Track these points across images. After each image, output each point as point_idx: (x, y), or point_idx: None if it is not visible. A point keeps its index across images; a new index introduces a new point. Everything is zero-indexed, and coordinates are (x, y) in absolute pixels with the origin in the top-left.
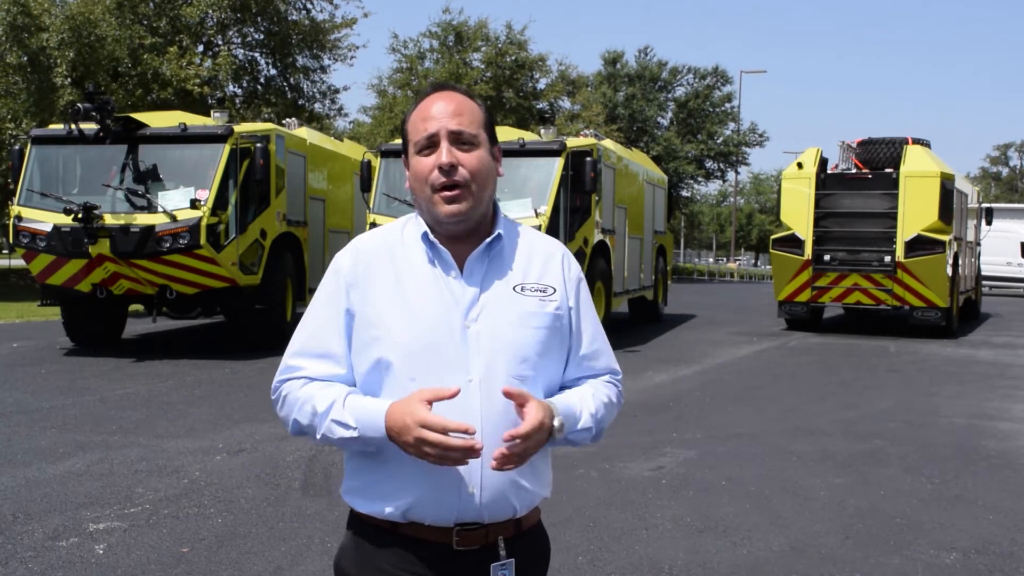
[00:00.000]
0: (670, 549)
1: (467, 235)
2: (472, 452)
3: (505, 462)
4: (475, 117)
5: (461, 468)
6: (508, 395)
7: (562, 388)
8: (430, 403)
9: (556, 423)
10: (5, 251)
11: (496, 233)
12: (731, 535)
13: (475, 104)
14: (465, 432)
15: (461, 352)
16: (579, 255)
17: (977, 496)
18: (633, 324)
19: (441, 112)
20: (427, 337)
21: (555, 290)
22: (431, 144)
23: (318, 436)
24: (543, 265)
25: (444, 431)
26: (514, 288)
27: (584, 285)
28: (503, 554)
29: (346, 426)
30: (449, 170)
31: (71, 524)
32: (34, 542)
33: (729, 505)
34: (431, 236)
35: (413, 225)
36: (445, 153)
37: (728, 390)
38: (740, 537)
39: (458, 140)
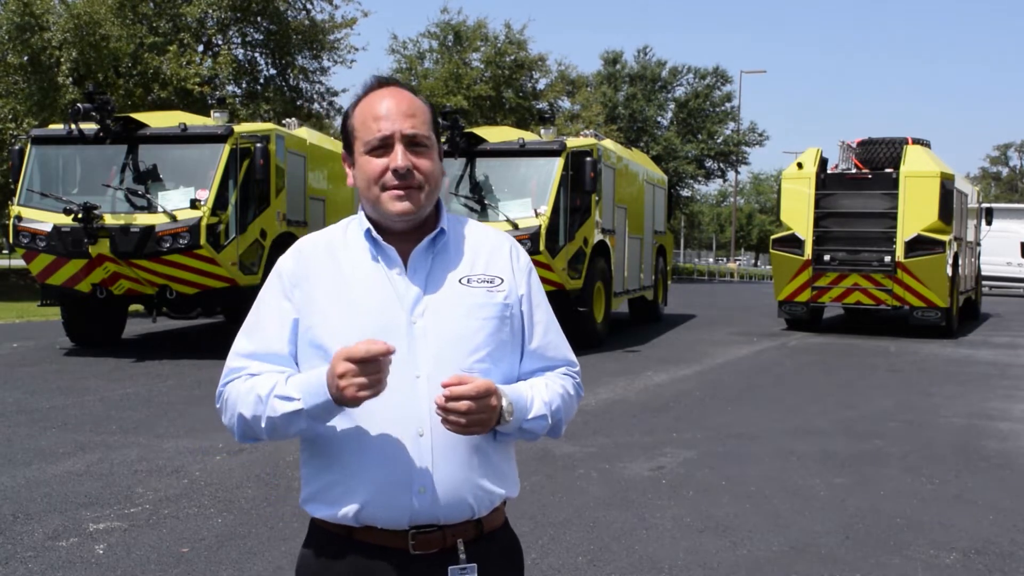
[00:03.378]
0: (670, 549)
1: (411, 231)
2: (387, 352)
3: (446, 412)
4: (426, 118)
5: (411, 467)
6: (445, 385)
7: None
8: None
9: (504, 403)
10: (5, 251)
11: (439, 228)
12: (731, 535)
13: (423, 103)
14: (386, 348)
15: (407, 349)
16: (579, 255)
17: (977, 496)
18: (633, 324)
19: (393, 112)
20: (371, 333)
21: (503, 280)
22: (384, 145)
23: (263, 424)
24: (489, 256)
25: (365, 354)
26: (460, 281)
27: (534, 275)
28: (463, 558)
29: (289, 399)
30: (405, 174)
31: (71, 524)
32: (34, 542)
33: (729, 505)
34: (374, 233)
35: (356, 224)
36: (401, 157)
37: (728, 390)
38: (740, 537)
39: (412, 143)
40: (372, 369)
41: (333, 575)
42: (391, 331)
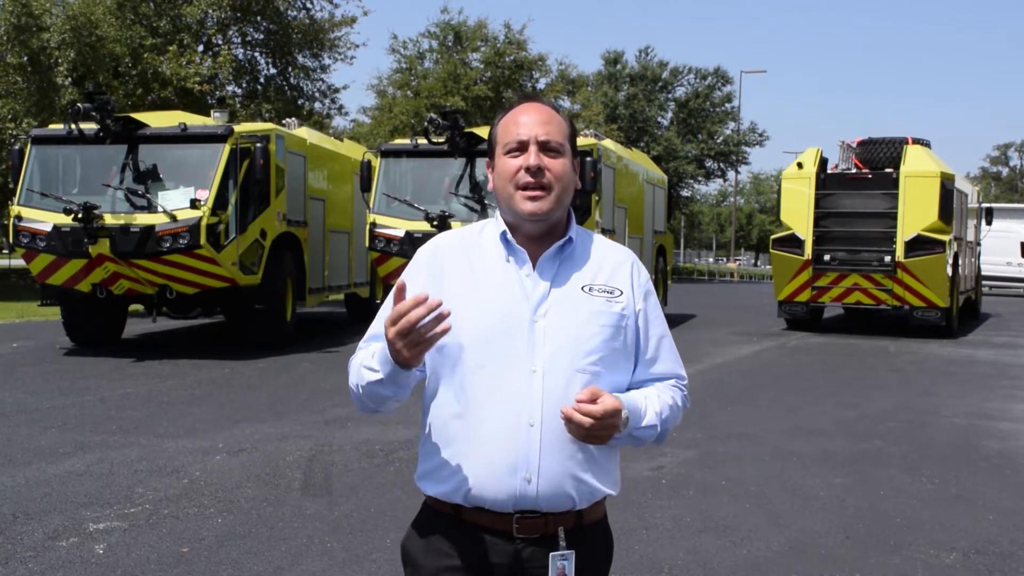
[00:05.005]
0: (670, 549)
1: (542, 237)
2: (431, 310)
3: (568, 425)
4: (562, 129)
5: (519, 454)
6: (579, 400)
7: (628, 390)
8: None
9: (623, 415)
10: (5, 251)
11: (568, 236)
12: (731, 535)
13: (562, 118)
14: (425, 299)
15: (527, 344)
16: None
17: (977, 496)
18: None
19: (532, 121)
20: (496, 327)
21: (622, 292)
22: (520, 148)
23: (363, 392)
24: (612, 269)
25: (405, 308)
26: (582, 288)
27: (652, 292)
28: (563, 545)
29: (372, 369)
30: (536, 172)
31: (71, 524)
32: (34, 542)
33: (729, 505)
34: (508, 235)
35: (492, 226)
36: (533, 156)
37: (728, 390)
38: (740, 537)
39: (546, 147)
40: (415, 331)
41: (440, 550)
42: (514, 327)
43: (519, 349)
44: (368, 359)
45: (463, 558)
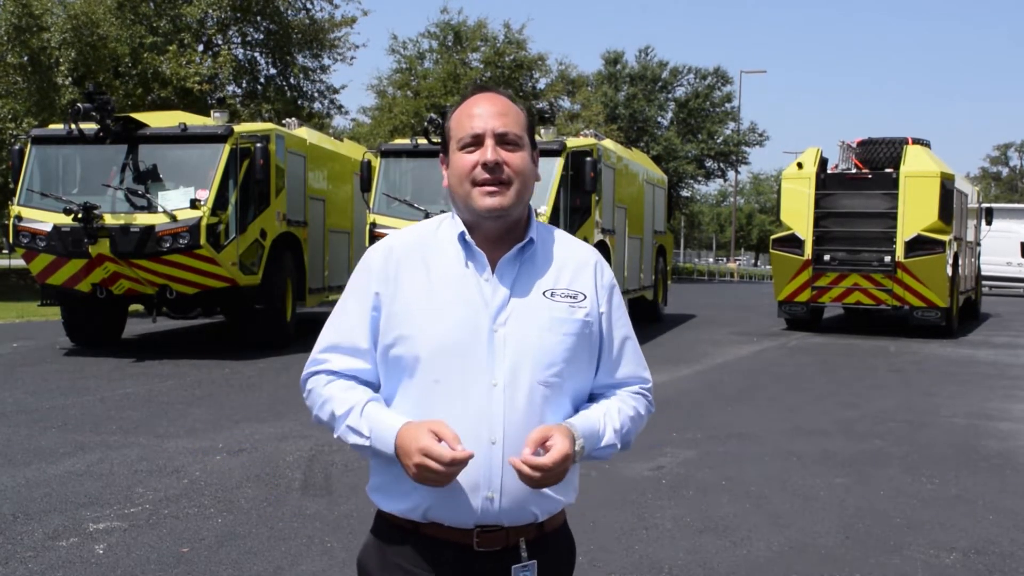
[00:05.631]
0: (670, 549)
1: (501, 238)
2: (467, 459)
3: (520, 477)
4: (519, 120)
5: (480, 473)
6: (525, 458)
7: (591, 395)
8: (439, 437)
9: (577, 446)
10: (5, 251)
11: (528, 238)
12: (731, 535)
13: (519, 108)
14: (465, 461)
15: (486, 356)
16: None
17: (977, 496)
18: (633, 324)
19: (487, 113)
20: (453, 337)
21: (585, 296)
22: (476, 142)
23: (335, 435)
24: (575, 271)
25: (444, 461)
26: (544, 293)
27: (617, 292)
28: (524, 556)
29: (360, 434)
30: (494, 167)
31: (71, 524)
32: (34, 542)
33: (729, 505)
34: (468, 236)
35: (449, 225)
36: (490, 151)
37: (728, 390)
38: (740, 537)
39: (503, 140)
40: (445, 473)
41: (397, 565)
42: (472, 338)
43: (478, 361)
44: (354, 418)
45: (421, 572)
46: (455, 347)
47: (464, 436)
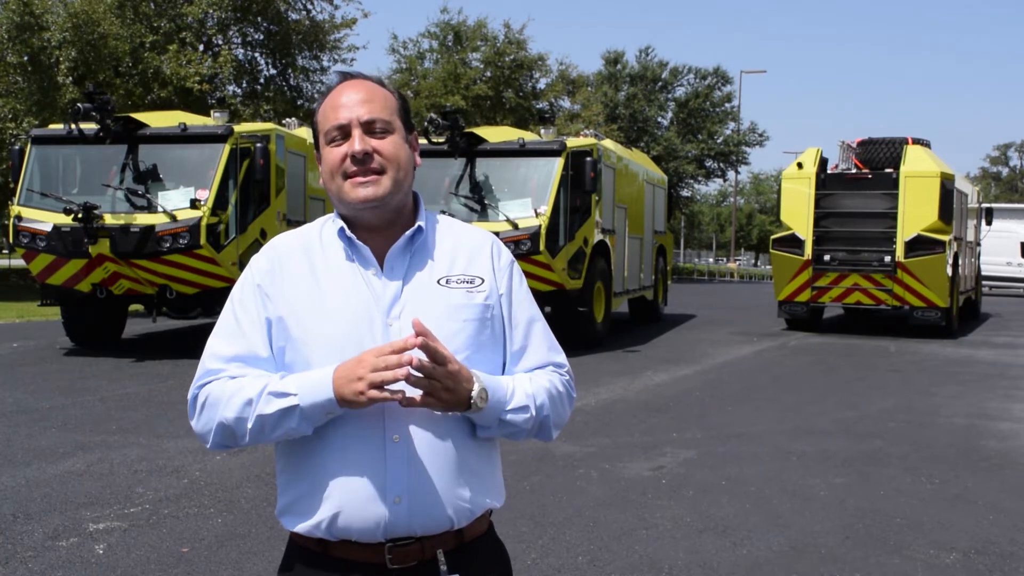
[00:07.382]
0: (670, 549)
1: (386, 229)
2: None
3: (407, 380)
4: (387, 104)
5: (385, 473)
6: (417, 328)
7: None
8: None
9: (476, 389)
10: (5, 251)
11: (417, 225)
12: (731, 535)
13: (387, 91)
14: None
15: None
16: (579, 255)
17: (977, 496)
18: (633, 324)
19: (351, 101)
20: (346, 337)
21: (483, 280)
22: (343, 134)
23: (249, 424)
24: (470, 256)
25: (395, 348)
26: (438, 281)
27: (517, 272)
28: (444, 570)
29: (284, 394)
30: (363, 158)
31: (71, 524)
32: (34, 542)
33: (729, 505)
34: (348, 232)
35: (331, 223)
36: (358, 141)
37: (728, 390)
38: (740, 537)
39: (370, 128)
40: (400, 362)
41: None
42: (365, 334)
43: None
44: (274, 384)
45: None
46: (348, 346)
47: (364, 436)
